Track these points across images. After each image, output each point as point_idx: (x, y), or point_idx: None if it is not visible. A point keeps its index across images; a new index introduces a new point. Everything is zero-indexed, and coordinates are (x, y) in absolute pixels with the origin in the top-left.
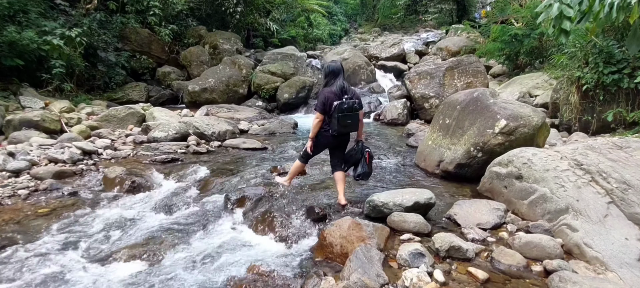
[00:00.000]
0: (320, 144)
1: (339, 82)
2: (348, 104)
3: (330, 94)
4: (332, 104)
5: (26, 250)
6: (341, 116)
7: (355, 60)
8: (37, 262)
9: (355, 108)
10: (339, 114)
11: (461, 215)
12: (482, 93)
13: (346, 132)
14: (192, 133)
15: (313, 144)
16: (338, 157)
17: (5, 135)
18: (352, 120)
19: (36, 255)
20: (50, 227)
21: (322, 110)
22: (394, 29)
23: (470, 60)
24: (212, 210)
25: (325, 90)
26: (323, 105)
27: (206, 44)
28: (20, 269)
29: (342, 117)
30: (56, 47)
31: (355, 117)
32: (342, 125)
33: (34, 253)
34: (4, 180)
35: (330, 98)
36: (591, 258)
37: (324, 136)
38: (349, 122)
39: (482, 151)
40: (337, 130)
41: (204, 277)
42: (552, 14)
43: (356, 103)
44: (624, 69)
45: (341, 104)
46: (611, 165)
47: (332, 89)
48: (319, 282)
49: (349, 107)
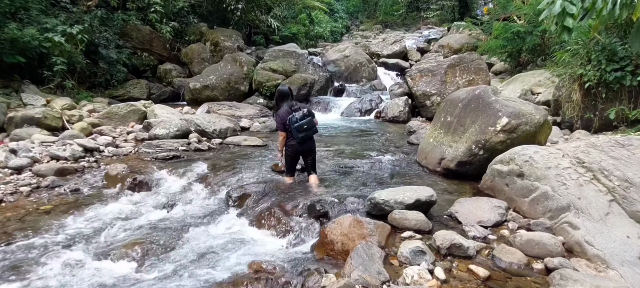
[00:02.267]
0: (292, 156)
1: (286, 103)
2: (298, 115)
3: (283, 113)
4: (286, 119)
5: (28, 246)
6: (297, 126)
7: (357, 57)
8: (39, 259)
9: (306, 114)
10: (295, 125)
11: (462, 213)
12: (484, 90)
13: (307, 136)
14: (193, 130)
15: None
16: (309, 163)
17: (7, 132)
18: (307, 125)
19: (38, 252)
20: (52, 223)
21: (283, 128)
22: (395, 26)
23: (472, 58)
24: (213, 207)
25: (279, 112)
26: (282, 124)
27: (207, 41)
28: (22, 265)
29: (298, 126)
30: (57, 44)
31: (310, 123)
32: (300, 131)
33: (36, 250)
34: (6, 177)
35: (283, 116)
36: (592, 256)
37: (292, 147)
38: (305, 127)
39: (484, 149)
40: (299, 137)
41: (205, 273)
42: (554, 11)
43: (306, 110)
44: (627, 67)
45: (292, 117)
46: (613, 163)
47: (284, 108)
48: (320, 279)
49: (300, 116)
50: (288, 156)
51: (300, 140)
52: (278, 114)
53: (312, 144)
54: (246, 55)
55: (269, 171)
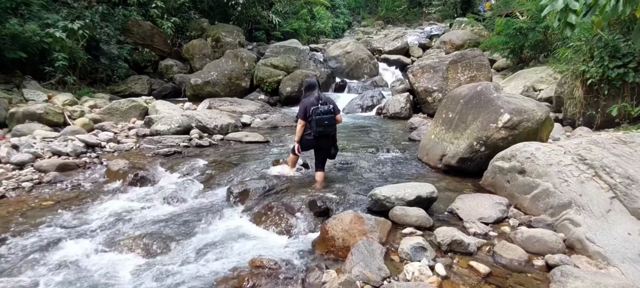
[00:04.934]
0: (304, 146)
1: (315, 93)
2: (323, 109)
3: (308, 102)
4: (310, 109)
5: (30, 242)
6: (318, 119)
7: (358, 53)
8: (41, 254)
9: (330, 111)
10: (316, 117)
11: (463, 210)
12: (486, 87)
13: (325, 133)
14: (194, 126)
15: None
16: (320, 159)
17: (8, 128)
18: (329, 121)
19: (40, 247)
20: (54, 219)
21: (303, 116)
22: (397, 22)
23: (474, 54)
24: (214, 203)
25: (304, 100)
26: (304, 113)
27: (208, 37)
28: (24, 261)
29: (319, 119)
30: (59, 40)
31: (331, 120)
32: (320, 126)
33: (38, 245)
34: (8, 173)
35: (308, 105)
36: (593, 253)
37: (307, 140)
38: (325, 123)
39: (485, 145)
40: (316, 131)
41: (206, 269)
42: (557, 7)
43: (331, 107)
44: (630, 63)
45: (316, 108)
46: (615, 160)
47: (310, 99)
48: (321, 275)
49: (324, 111)
50: (304, 145)
51: (317, 134)
52: (303, 102)
53: (329, 143)
54: (247, 51)
55: (270, 167)
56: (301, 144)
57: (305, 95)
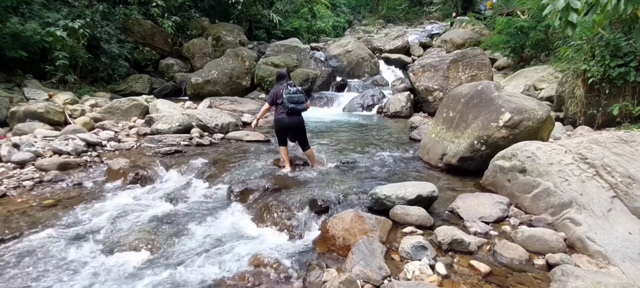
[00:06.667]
0: (281, 129)
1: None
2: (292, 89)
3: (277, 89)
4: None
5: (31, 240)
6: (288, 97)
7: (359, 52)
8: (42, 253)
9: (299, 91)
10: (286, 96)
11: (464, 209)
12: (487, 86)
13: (296, 110)
14: (195, 125)
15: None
16: (300, 139)
17: (9, 127)
18: (298, 99)
19: (41, 246)
20: (55, 218)
21: (271, 102)
22: (398, 21)
23: (475, 53)
24: (215, 202)
25: (274, 88)
26: (272, 97)
27: (209, 36)
28: (25, 259)
29: (289, 97)
30: (59, 39)
31: (300, 98)
32: (291, 102)
33: (39, 244)
34: (9, 172)
35: (276, 90)
36: (594, 252)
37: (280, 120)
38: (295, 99)
39: (486, 144)
40: (288, 108)
41: (206, 267)
42: (558, 6)
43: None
44: (631, 62)
45: (286, 89)
46: (616, 159)
47: (279, 87)
48: (321, 274)
49: (293, 91)
50: (277, 130)
51: (289, 110)
52: (273, 89)
53: (301, 120)
54: (248, 50)
55: (270, 166)
56: (277, 127)
57: (276, 85)
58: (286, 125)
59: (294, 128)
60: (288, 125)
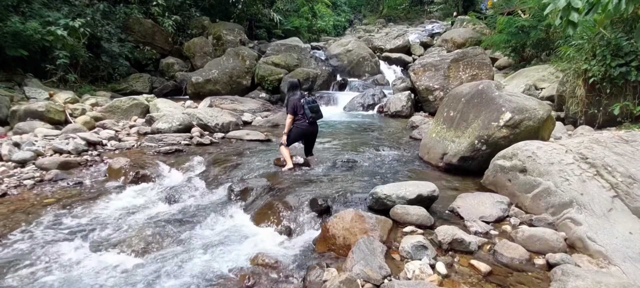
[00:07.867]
0: (299, 134)
1: (298, 92)
2: (309, 99)
3: (296, 99)
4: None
5: (32, 239)
6: (309, 107)
7: (360, 51)
8: (43, 252)
9: (315, 101)
10: (308, 106)
11: (464, 208)
12: (487, 85)
13: (317, 117)
14: (195, 124)
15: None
16: (309, 145)
17: (10, 126)
18: (317, 108)
19: (42, 245)
20: (55, 217)
21: (293, 111)
22: (398, 20)
23: (476, 52)
24: (215, 201)
25: (292, 98)
26: (293, 109)
27: (210, 35)
28: (26, 258)
29: (310, 107)
30: (60, 38)
31: (318, 107)
32: (312, 111)
33: (39, 243)
34: (10, 171)
35: (296, 101)
36: (594, 252)
37: (300, 127)
38: (316, 109)
39: (487, 144)
40: (310, 117)
41: (207, 267)
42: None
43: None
44: (632, 62)
45: (305, 100)
46: (617, 159)
47: (295, 96)
48: (322, 273)
49: (311, 100)
50: (294, 133)
51: (312, 119)
52: (290, 99)
53: (317, 128)
54: (248, 49)
55: (271, 165)
56: (292, 134)
57: (290, 95)
58: (308, 133)
59: (312, 135)
60: (311, 132)
